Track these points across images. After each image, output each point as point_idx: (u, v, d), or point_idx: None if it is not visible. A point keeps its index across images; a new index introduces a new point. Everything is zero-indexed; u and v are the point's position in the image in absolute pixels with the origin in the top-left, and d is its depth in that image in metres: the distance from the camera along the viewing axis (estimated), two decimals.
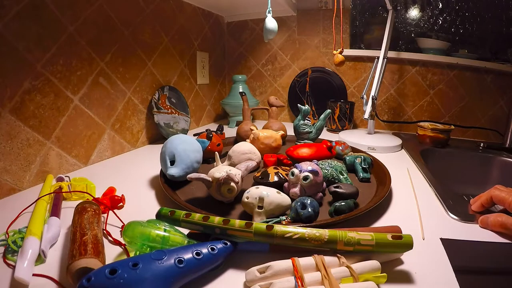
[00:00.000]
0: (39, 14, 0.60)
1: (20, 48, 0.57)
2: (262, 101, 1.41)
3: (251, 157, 0.68)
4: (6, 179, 0.57)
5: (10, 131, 0.57)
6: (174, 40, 1.03)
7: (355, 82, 1.28)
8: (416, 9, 1.17)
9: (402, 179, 0.70)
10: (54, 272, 0.37)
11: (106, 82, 0.78)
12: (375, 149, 0.93)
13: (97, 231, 0.39)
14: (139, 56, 0.89)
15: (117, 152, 0.85)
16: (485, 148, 0.98)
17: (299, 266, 0.35)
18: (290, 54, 1.34)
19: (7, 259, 0.38)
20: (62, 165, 0.69)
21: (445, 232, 0.47)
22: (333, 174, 0.64)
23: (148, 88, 0.94)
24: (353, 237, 0.37)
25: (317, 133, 0.90)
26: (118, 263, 0.31)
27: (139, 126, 0.92)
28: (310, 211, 0.46)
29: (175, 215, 0.42)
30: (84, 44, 0.71)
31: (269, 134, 0.79)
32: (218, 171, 0.53)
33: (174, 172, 0.60)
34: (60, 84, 0.66)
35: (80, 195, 0.56)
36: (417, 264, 0.39)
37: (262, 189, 0.49)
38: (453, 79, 1.15)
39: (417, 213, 0.54)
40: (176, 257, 0.34)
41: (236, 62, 1.43)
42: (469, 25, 1.11)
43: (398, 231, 0.43)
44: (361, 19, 1.22)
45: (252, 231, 0.38)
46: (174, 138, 0.65)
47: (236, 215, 0.52)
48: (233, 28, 1.40)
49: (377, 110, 1.26)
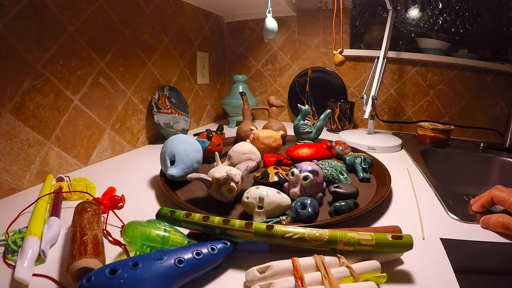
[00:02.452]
0: (39, 14, 0.60)
1: (20, 48, 0.57)
2: (262, 101, 1.41)
3: (251, 157, 0.68)
4: (6, 179, 0.57)
5: (10, 131, 0.57)
6: (174, 40, 1.03)
7: (355, 82, 1.28)
8: (416, 9, 1.17)
9: (402, 179, 0.70)
10: (54, 272, 0.37)
11: (106, 82, 0.78)
12: (375, 149, 0.93)
13: (97, 231, 0.39)
14: (139, 56, 0.89)
15: (117, 152, 0.85)
16: (485, 148, 0.98)
17: (299, 266, 0.35)
18: (290, 54, 1.34)
19: (7, 259, 0.38)
20: (62, 165, 0.69)
21: (445, 232, 0.47)
22: (333, 174, 0.64)
23: (148, 88, 0.94)
24: (353, 237, 0.37)
25: (317, 133, 0.90)
26: (118, 263, 0.31)
27: (139, 126, 0.92)
28: (310, 211, 0.46)
29: (175, 215, 0.42)
30: (84, 44, 0.71)
31: (269, 134, 0.79)
32: (218, 171, 0.53)
33: (174, 172, 0.60)
34: (60, 84, 0.66)
35: (80, 195, 0.56)
36: (417, 264, 0.39)
37: (262, 189, 0.49)
38: (453, 79, 1.15)
39: (417, 213, 0.54)
40: (176, 257, 0.34)
41: (236, 62, 1.43)
42: (469, 25, 1.11)
43: (398, 231, 0.43)
44: (361, 19, 1.22)
45: (252, 231, 0.38)
46: (174, 138, 0.65)
47: (236, 215, 0.52)
48: (233, 28, 1.40)
49: (377, 110, 1.26)
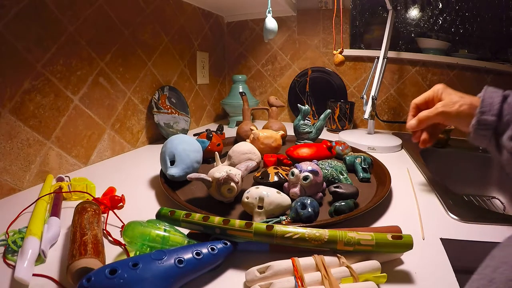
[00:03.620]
0: (39, 14, 0.60)
1: (20, 48, 0.57)
2: (262, 101, 1.41)
3: (251, 157, 0.68)
4: (6, 179, 0.57)
5: (10, 131, 0.57)
6: (174, 40, 1.03)
7: (355, 82, 1.28)
8: (416, 9, 1.17)
9: (402, 179, 0.70)
10: (54, 272, 0.37)
11: (106, 82, 0.78)
12: (375, 149, 0.93)
13: (97, 231, 0.39)
14: (139, 56, 0.89)
15: (117, 152, 0.85)
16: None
17: (299, 266, 0.35)
18: (290, 54, 1.34)
19: (7, 259, 0.38)
20: (62, 165, 0.69)
21: (445, 232, 0.47)
22: (333, 174, 0.64)
23: (148, 88, 0.94)
24: (353, 237, 0.37)
25: (317, 133, 0.90)
26: (118, 263, 0.31)
27: (139, 126, 0.92)
28: (310, 211, 0.46)
29: (175, 215, 0.42)
30: (84, 44, 0.71)
31: (269, 134, 0.79)
32: (218, 171, 0.53)
33: (174, 172, 0.60)
34: (60, 84, 0.66)
35: (80, 195, 0.56)
36: (417, 264, 0.39)
37: (262, 189, 0.49)
38: (453, 79, 1.16)
39: (417, 213, 0.54)
40: (176, 257, 0.34)
41: (236, 62, 1.43)
42: (469, 25, 1.11)
43: (398, 231, 0.43)
44: (361, 19, 1.22)
45: (252, 231, 0.38)
46: (174, 138, 0.65)
47: (236, 215, 0.52)
48: (233, 28, 1.40)
49: (377, 110, 1.26)
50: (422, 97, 0.56)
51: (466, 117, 0.50)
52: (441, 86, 0.55)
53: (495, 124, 0.46)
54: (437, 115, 0.52)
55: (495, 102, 0.47)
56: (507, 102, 0.46)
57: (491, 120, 0.46)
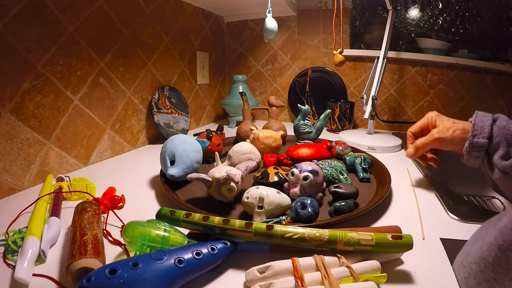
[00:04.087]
0: (39, 14, 0.60)
1: (20, 48, 0.57)
2: (262, 101, 1.41)
3: (251, 157, 0.68)
4: (6, 179, 0.57)
5: (10, 131, 0.57)
6: (174, 40, 1.03)
7: (355, 82, 1.28)
8: (416, 9, 1.17)
9: (402, 179, 0.70)
10: (54, 272, 0.37)
11: (106, 82, 0.78)
12: (375, 149, 0.93)
13: (97, 231, 0.39)
14: (139, 56, 0.89)
15: (117, 152, 0.85)
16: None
17: (299, 266, 0.35)
18: (290, 54, 1.34)
19: (7, 259, 0.38)
20: (62, 165, 0.69)
21: (445, 232, 0.47)
22: (333, 174, 0.64)
23: (148, 88, 0.94)
24: (353, 237, 0.37)
25: (317, 133, 0.90)
26: (118, 263, 0.31)
27: (139, 126, 0.92)
28: (310, 211, 0.46)
29: (175, 215, 0.42)
30: (84, 44, 0.71)
31: (269, 134, 0.79)
32: (218, 171, 0.53)
33: (174, 172, 0.60)
34: (60, 84, 0.66)
35: (80, 195, 0.56)
36: (417, 264, 0.39)
37: (262, 189, 0.49)
38: (453, 79, 1.16)
39: (417, 213, 0.54)
40: (176, 257, 0.34)
41: (236, 62, 1.43)
42: (469, 25, 1.11)
43: (398, 231, 0.43)
44: (361, 19, 1.22)
45: (252, 231, 0.38)
46: (174, 138, 0.65)
47: (236, 215, 0.52)
48: (233, 28, 1.40)
49: (377, 110, 1.26)
50: (417, 125, 0.61)
51: (460, 141, 0.54)
52: (434, 114, 0.59)
53: (487, 145, 0.50)
54: (433, 141, 0.57)
55: (485, 125, 0.50)
56: (496, 125, 0.50)
57: (483, 142, 0.50)
